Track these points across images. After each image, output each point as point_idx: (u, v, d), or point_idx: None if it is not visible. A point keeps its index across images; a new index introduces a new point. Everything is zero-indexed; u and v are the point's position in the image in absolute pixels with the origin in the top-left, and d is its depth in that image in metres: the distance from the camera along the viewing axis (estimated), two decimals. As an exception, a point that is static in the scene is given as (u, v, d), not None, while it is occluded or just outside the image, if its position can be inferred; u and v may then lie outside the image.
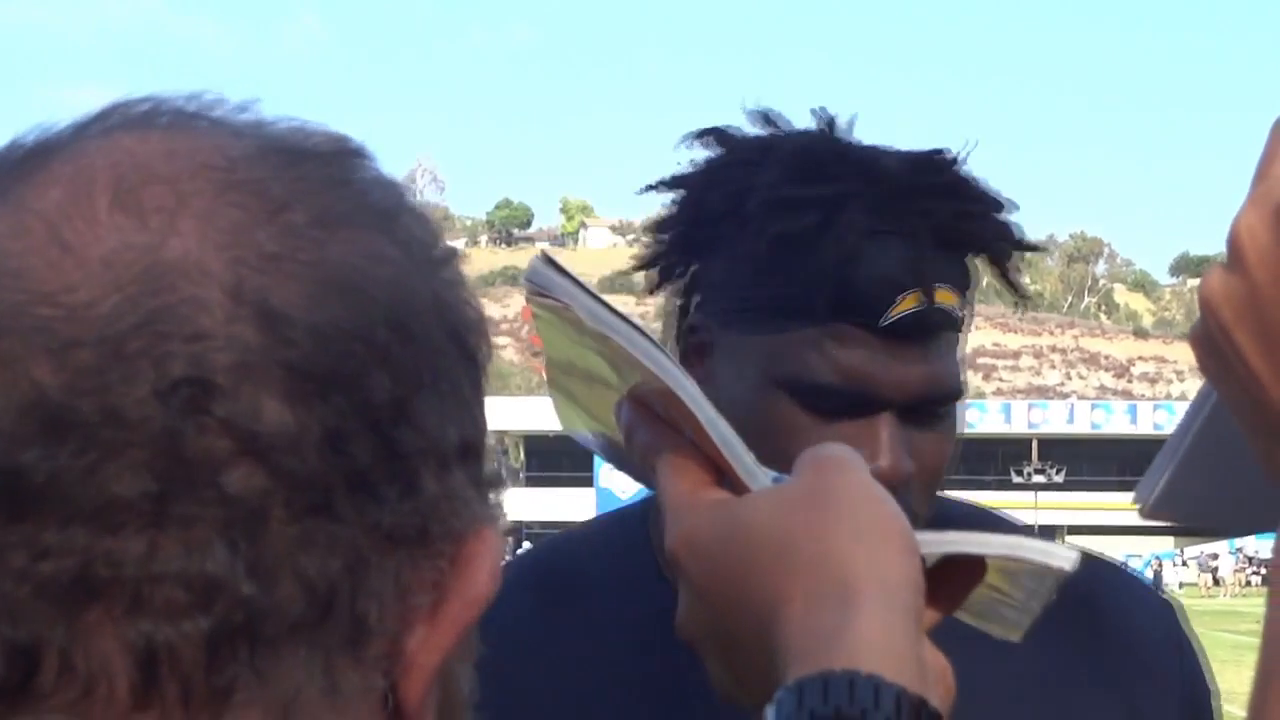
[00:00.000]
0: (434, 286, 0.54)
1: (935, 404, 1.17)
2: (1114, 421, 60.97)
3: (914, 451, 1.16)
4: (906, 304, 1.14)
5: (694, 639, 0.71)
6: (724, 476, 0.73)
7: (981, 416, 58.63)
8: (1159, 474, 0.79)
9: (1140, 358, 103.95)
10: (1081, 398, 79.68)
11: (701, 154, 1.24)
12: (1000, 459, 56.63)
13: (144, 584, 0.47)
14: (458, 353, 0.54)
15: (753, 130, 1.24)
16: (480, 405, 0.55)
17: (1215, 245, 1.03)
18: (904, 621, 0.63)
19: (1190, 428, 0.76)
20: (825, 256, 1.13)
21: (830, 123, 1.24)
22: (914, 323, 1.14)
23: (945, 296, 1.15)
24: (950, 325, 1.16)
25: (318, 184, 0.52)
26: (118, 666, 0.48)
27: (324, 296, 0.50)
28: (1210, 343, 0.67)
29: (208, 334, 0.48)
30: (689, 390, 0.71)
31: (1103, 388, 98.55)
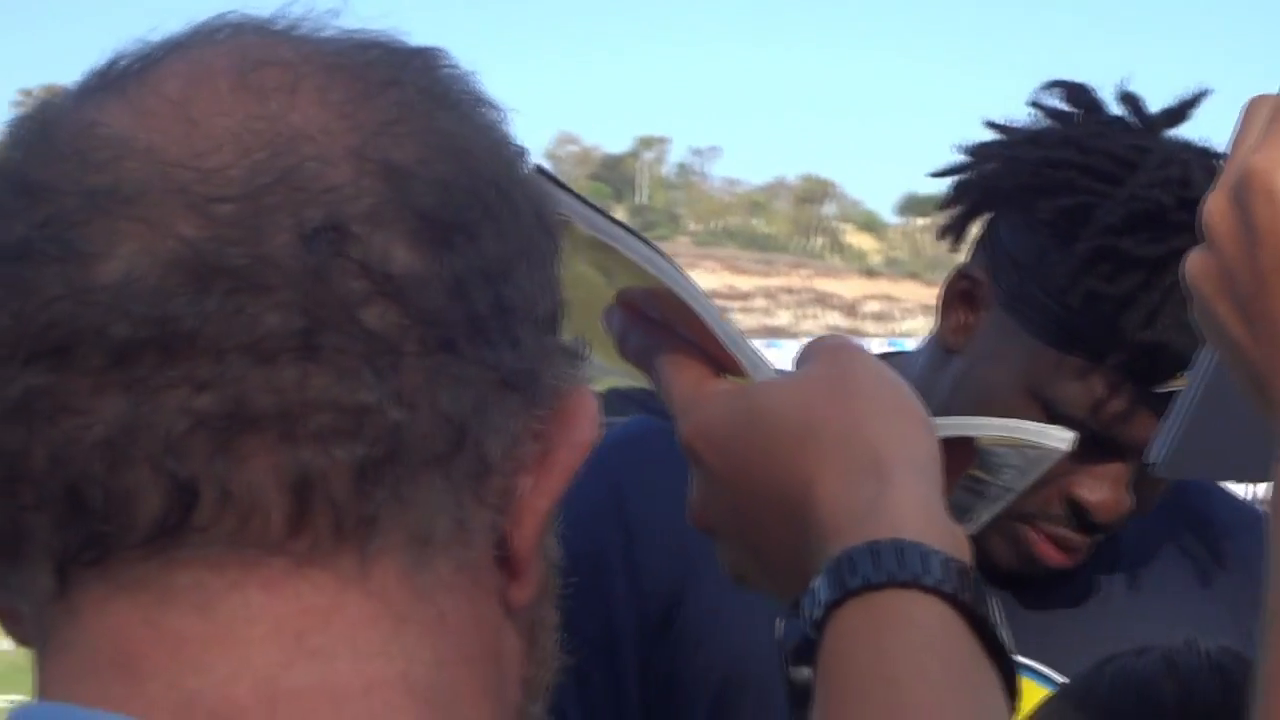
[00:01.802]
0: (521, 169, 0.57)
1: None
2: (848, 362, 61.36)
3: (1140, 487, 1.25)
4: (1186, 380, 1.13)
5: (712, 526, 0.73)
6: (722, 372, 0.74)
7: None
8: (1170, 434, 0.83)
9: (869, 296, 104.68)
10: (813, 337, 79.67)
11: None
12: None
13: (298, 411, 0.50)
14: (544, 233, 0.57)
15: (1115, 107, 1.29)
16: (560, 286, 0.58)
17: (940, 186, 1.35)
18: (935, 493, 0.67)
19: (1196, 388, 0.81)
20: (1130, 316, 1.19)
21: (1206, 155, 1.25)
22: None
23: None
24: None
25: (418, 69, 0.56)
26: (272, 496, 0.50)
27: (439, 157, 0.53)
28: (1201, 314, 0.72)
29: (338, 186, 0.51)
30: (689, 289, 0.73)
31: (834, 326, 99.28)
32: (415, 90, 0.54)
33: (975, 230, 1.32)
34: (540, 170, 0.70)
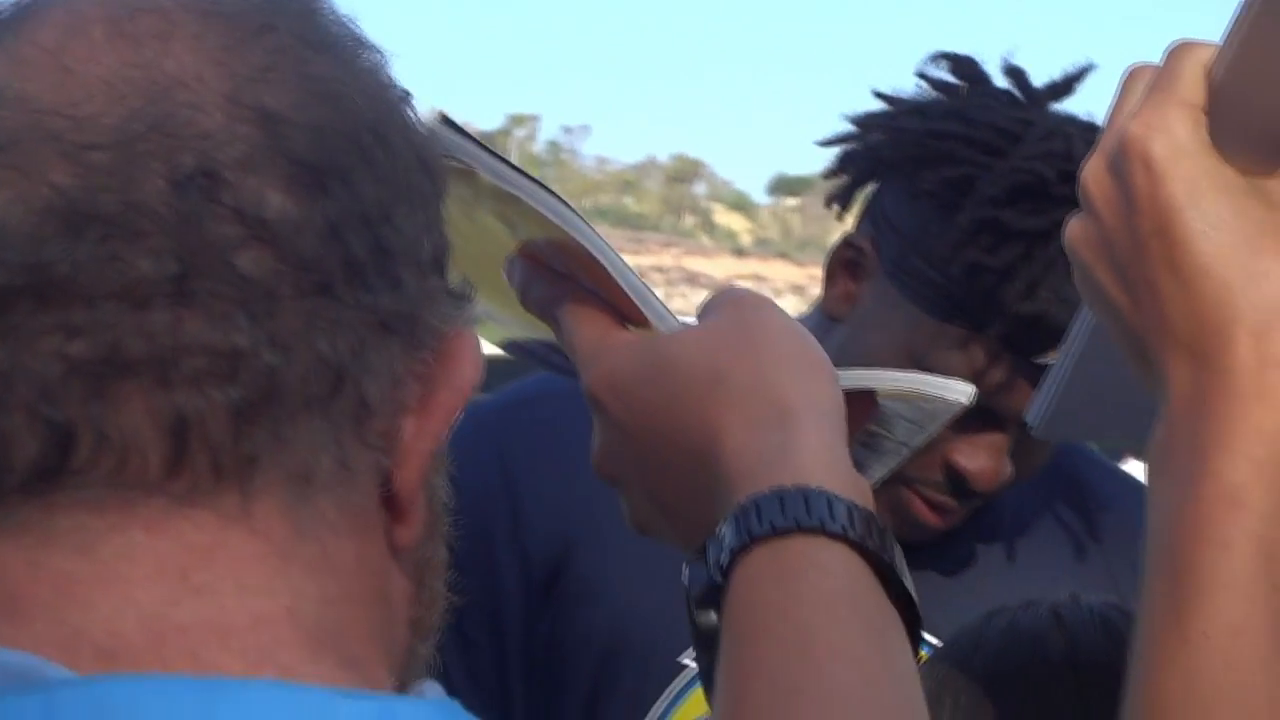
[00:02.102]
0: (402, 113, 0.57)
1: None
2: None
3: (1019, 456, 1.27)
4: None
5: (615, 476, 0.74)
6: (627, 324, 0.75)
7: (585, 335, 58.74)
8: (1048, 395, 0.84)
9: (739, 276, 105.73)
10: (684, 315, 79.97)
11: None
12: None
13: (173, 355, 0.50)
14: (425, 175, 0.57)
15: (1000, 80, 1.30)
16: (445, 226, 0.58)
17: (809, 166, 17.69)
18: (840, 441, 0.67)
19: (1073, 350, 0.82)
20: (1010, 288, 1.21)
21: (1089, 129, 1.25)
22: None
23: None
24: None
25: (294, 15, 0.56)
26: (149, 439, 0.50)
27: (314, 102, 0.53)
28: (1081, 279, 0.73)
29: (212, 133, 0.51)
30: (594, 240, 0.73)
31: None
32: (290, 36, 0.54)
33: (861, 199, 1.35)
34: (445, 119, 0.70)
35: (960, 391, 0.77)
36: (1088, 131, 1.26)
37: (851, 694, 0.58)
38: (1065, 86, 1.33)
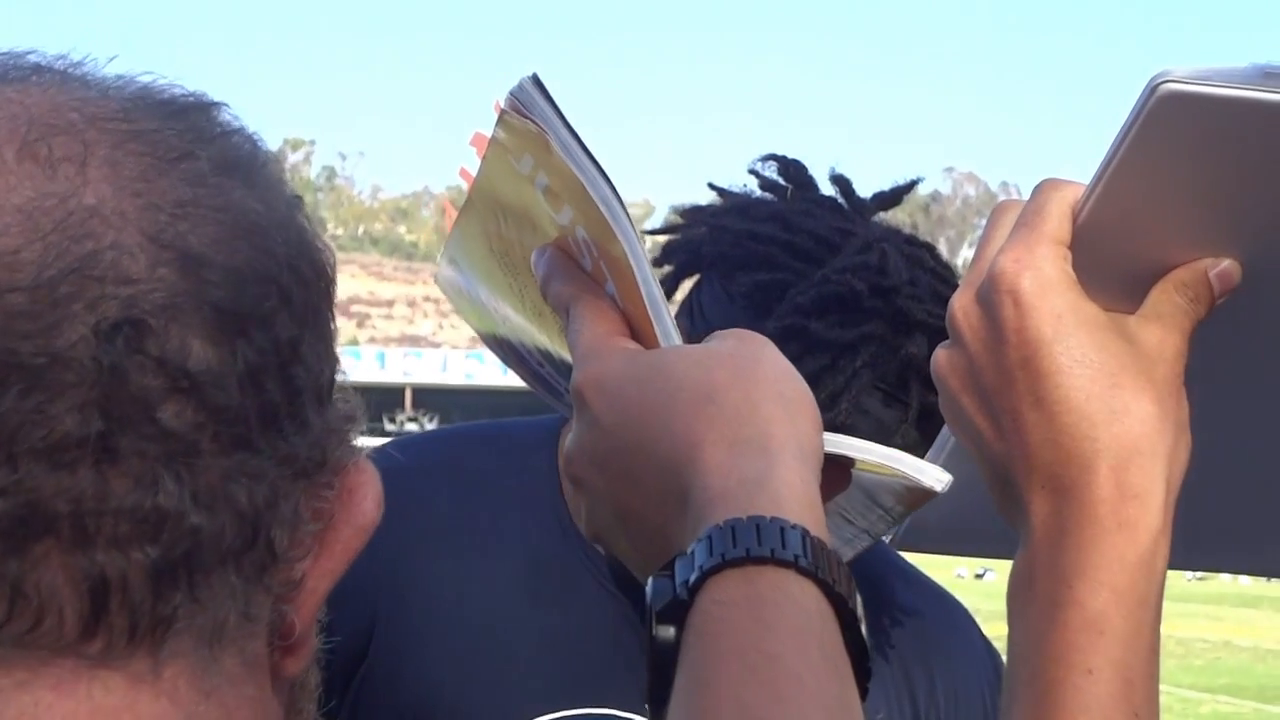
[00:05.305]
0: (299, 227, 0.55)
1: None
2: (485, 373, 61.30)
3: None
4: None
5: (582, 475, 0.72)
6: (635, 335, 0.74)
7: (355, 365, 57.61)
8: None
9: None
10: (454, 347, 79.54)
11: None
12: (373, 407, 55.98)
13: (96, 517, 0.48)
14: (325, 295, 0.55)
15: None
16: (335, 348, 0.57)
17: None
18: (816, 483, 0.67)
19: None
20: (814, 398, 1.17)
21: (909, 242, 1.28)
22: None
23: None
24: None
25: (206, 135, 0.53)
26: (67, 598, 0.48)
27: (235, 240, 0.51)
28: (947, 405, 0.75)
29: (135, 278, 0.49)
30: (633, 243, 0.72)
31: (475, 338, 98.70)
32: (208, 162, 0.52)
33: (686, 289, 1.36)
34: (536, 81, 0.71)
35: (936, 479, 0.75)
36: (908, 245, 1.28)
37: None
38: (892, 198, 1.34)
